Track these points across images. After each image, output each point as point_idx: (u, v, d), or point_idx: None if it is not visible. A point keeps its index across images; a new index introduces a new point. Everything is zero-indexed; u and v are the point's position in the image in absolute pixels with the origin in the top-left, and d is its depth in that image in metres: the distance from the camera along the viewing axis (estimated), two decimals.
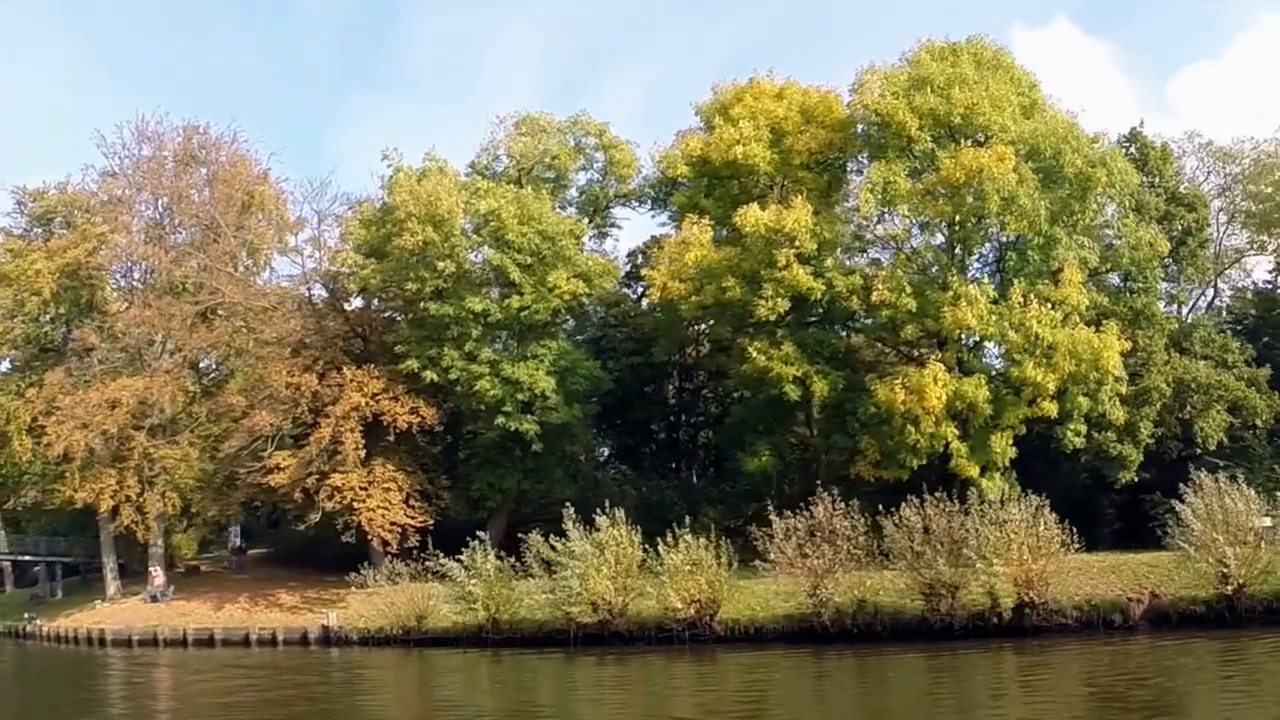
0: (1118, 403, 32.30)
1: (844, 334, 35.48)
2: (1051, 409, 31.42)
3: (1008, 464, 31.53)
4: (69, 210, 47.99)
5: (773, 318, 32.99)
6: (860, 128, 36.60)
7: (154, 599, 45.85)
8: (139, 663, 37.52)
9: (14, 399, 45.18)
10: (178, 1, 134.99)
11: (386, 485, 38.97)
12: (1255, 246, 42.92)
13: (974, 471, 31.10)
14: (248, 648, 39.44)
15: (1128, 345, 32.40)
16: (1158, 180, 37.24)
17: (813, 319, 35.22)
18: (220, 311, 46.54)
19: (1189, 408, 33.61)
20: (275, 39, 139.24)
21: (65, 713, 27.07)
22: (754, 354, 33.58)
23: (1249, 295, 43.41)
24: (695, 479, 48.24)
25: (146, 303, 43.96)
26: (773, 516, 29.09)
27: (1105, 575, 30.39)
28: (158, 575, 46.20)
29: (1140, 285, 34.50)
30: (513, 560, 33.71)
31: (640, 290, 46.46)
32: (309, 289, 42.61)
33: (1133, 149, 37.32)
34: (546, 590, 31.52)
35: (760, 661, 28.51)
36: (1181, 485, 27.86)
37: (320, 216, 42.10)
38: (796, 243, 33.18)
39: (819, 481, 37.58)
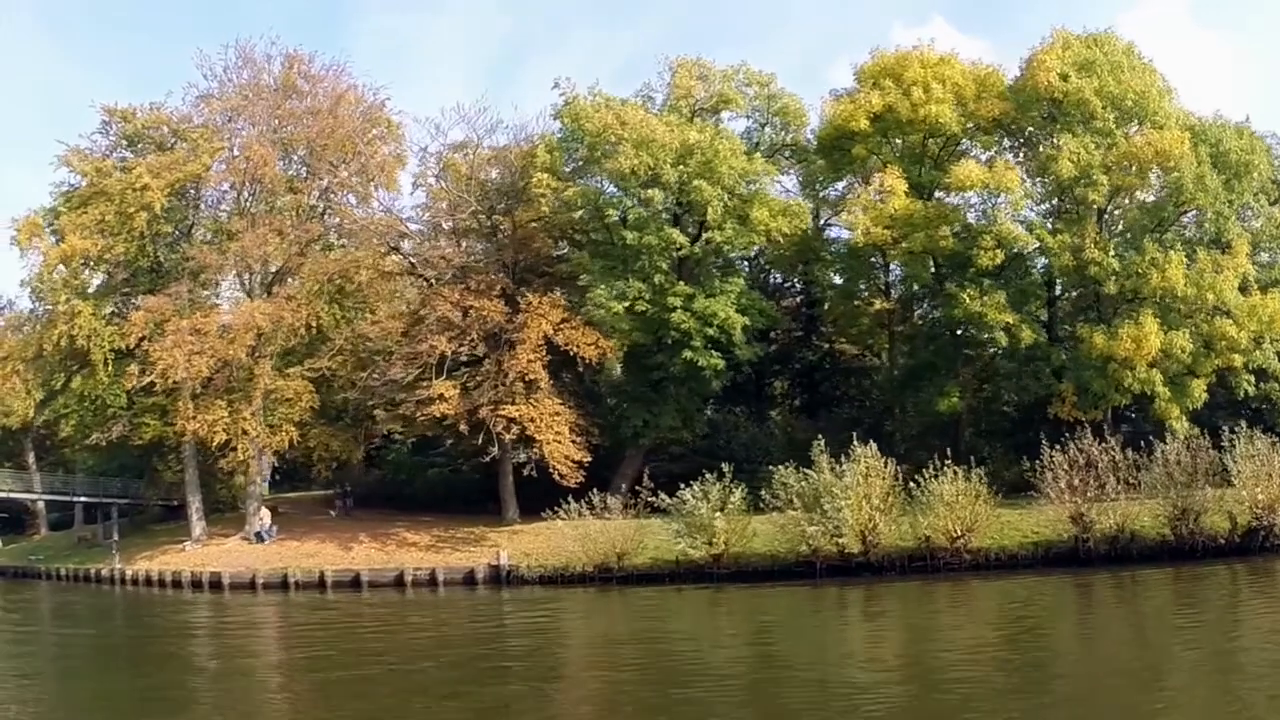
0: (1276, 358, 32.77)
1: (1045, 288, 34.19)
2: (1239, 361, 31.41)
3: (1198, 408, 31.29)
4: (159, 130, 39.94)
5: (990, 267, 31.41)
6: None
7: (259, 538, 38.97)
8: (311, 608, 30.27)
9: (105, 324, 37.13)
10: None
11: (554, 418, 34.49)
12: None
13: (1175, 413, 30.56)
14: (401, 590, 33.19)
15: None
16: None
17: (1012, 271, 33.73)
18: (337, 238, 40.29)
19: None
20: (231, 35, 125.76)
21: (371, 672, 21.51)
22: (967, 300, 31.66)
23: None
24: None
25: (269, 224, 37.12)
26: (1045, 448, 27.37)
27: None
28: (264, 514, 39.23)
29: (1274, 260, 35.36)
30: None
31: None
32: (454, 216, 37.05)
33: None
34: (790, 523, 28.54)
35: (1026, 585, 26.17)
36: None
37: (479, 136, 36.33)
38: (1008, 199, 31.81)
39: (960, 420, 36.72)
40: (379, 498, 46.47)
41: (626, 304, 33.22)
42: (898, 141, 35.85)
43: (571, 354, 33.45)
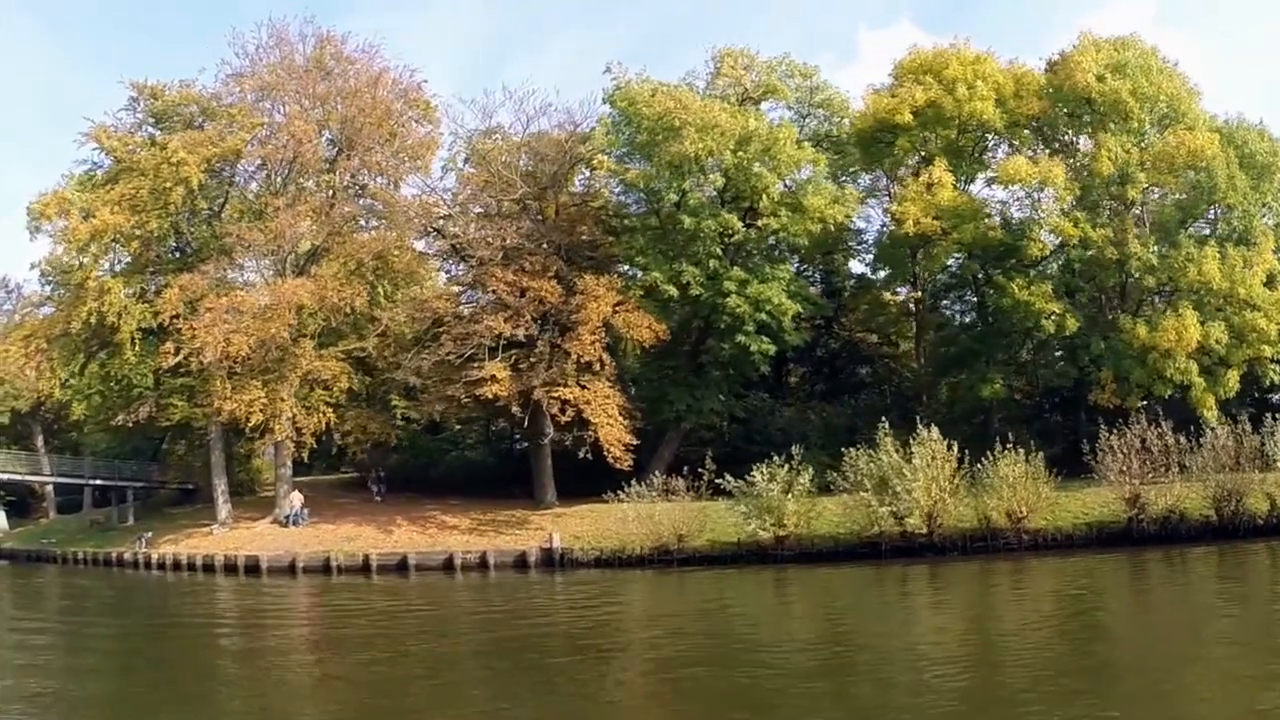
0: None
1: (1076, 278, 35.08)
2: (1268, 352, 32.76)
3: (1230, 397, 32.59)
4: (188, 108, 38.31)
5: (1040, 258, 32.26)
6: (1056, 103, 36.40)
7: (292, 522, 37.93)
8: (375, 592, 29.35)
9: (136, 302, 35.60)
10: None
11: (604, 400, 34.22)
12: None
13: (1210, 401, 31.79)
14: (450, 573, 32.30)
15: None
16: None
17: (1049, 263, 34.62)
18: (368, 219, 39.38)
19: None
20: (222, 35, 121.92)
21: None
22: (1016, 290, 32.46)
23: None
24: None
25: (307, 203, 36.04)
26: (1103, 432, 28.25)
27: None
28: (295, 497, 38.26)
29: None
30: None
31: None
32: (500, 198, 36.41)
33: None
34: (860, 504, 28.94)
35: (1089, 564, 26.58)
36: None
37: (528, 118, 35.86)
38: (1055, 194, 32.66)
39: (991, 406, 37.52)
40: (399, 481, 45.83)
41: (679, 287, 33.23)
42: (928, 135, 36.42)
43: (626, 337, 33.32)
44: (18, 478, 41.07)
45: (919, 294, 40.07)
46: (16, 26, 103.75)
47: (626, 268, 37.14)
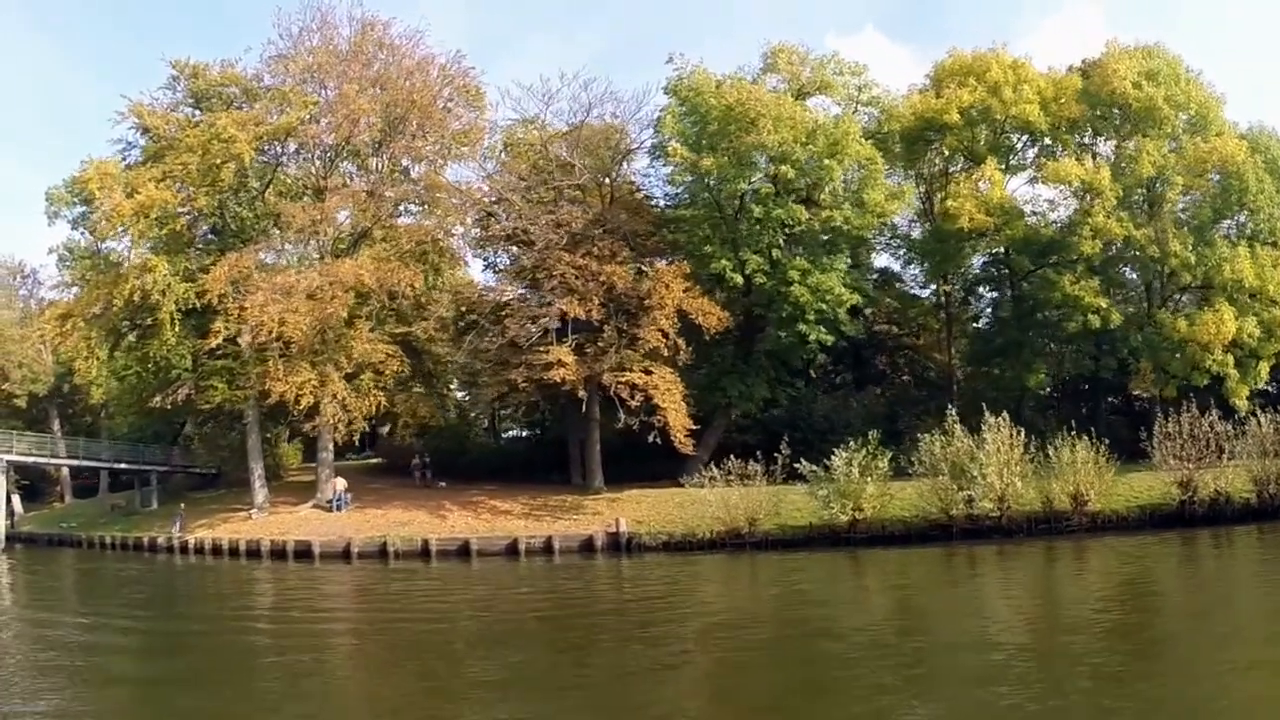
0: None
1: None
2: None
3: (1261, 387, 34.71)
4: (229, 89, 37.00)
5: (1090, 254, 33.77)
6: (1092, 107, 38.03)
7: (335, 507, 37.22)
8: (455, 579, 28.54)
9: (180, 281, 34.24)
10: None
11: (670, 386, 34.41)
12: None
13: (1244, 392, 33.80)
14: (514, 558, 32.12)
15: None
16: None
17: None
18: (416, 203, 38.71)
19: None
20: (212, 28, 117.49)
21: None
22: (1067, 284, 33.95)
23: None
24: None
25: (360, 184, 35.28)
26: (1160, 419, 29.79)
27: None
28: (338, 482, 37.48)
29: None
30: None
31: None
32: (557, 185, 36.20)
33: None
34: (940, 488, 29.89)
35: (1148, 544, 27.75)
36: None
37: (589, 105, 35.63)
38: (1101, 195, 34.20)
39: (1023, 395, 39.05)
40: (431, 467, 45.22)
41: (743, 275, 33.78)
42: (969, 135, 37.68)
43: (695, 323, 33.68)
44: (42, 461, 39.25)
45: (949, 287, 41.39)
46: (15, 26, 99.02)
47: (673, 258, 37.47)
